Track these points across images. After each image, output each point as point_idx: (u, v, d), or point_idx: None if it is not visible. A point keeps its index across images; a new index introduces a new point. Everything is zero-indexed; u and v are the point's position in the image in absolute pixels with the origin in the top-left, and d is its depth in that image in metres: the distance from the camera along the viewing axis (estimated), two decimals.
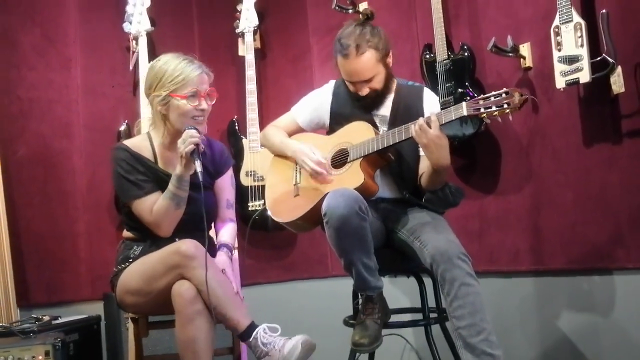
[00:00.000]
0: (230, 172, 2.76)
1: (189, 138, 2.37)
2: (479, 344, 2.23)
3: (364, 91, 2.61)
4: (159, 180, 2.52)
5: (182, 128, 2.46)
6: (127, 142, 2.58)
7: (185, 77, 2.45)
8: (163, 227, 2.49)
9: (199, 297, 2.29)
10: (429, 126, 2.32)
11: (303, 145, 2.68)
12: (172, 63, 2.50)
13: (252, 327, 2.31)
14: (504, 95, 2.25)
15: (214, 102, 2.56)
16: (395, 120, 2.64)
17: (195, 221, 2.42)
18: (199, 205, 2.41)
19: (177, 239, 2.44)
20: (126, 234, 2.65)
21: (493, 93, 2.27)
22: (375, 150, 2.49)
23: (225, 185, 2.71)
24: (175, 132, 2.52)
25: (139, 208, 2.49)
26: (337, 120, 2.72)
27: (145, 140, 2.60)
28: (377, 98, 2.66)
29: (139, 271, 2.44)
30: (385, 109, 2.70)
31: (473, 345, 2.23)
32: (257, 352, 2.28)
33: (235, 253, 3.07)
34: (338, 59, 2.60)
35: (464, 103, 2.31)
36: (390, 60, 2.65)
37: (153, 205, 2.47)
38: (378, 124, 2.68)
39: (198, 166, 2.37)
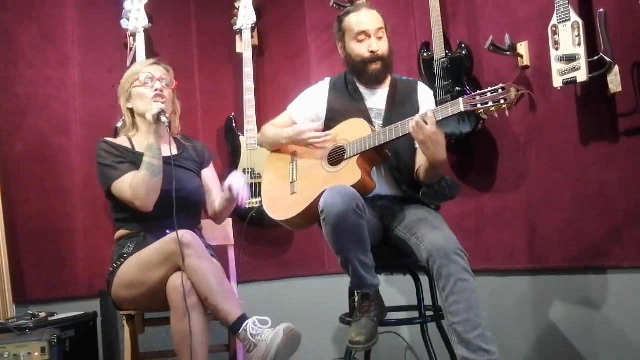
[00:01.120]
0: (212, 166, 2.93)
1: (155, 107, 2.59)
2: (474, 339, 2.23)
3: (374, 46, 2.68)
4: (137, 162, 2.59)
5: (146, 110, 2.64)
6: (108, 139, 2.76)
7: (139, 69, 2.75)
8: (143, 199, 2.53)
9: (193, 290, 2.29)
10: (425, 122, 2.33)
11: (294, 126, 2.75)
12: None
13: (243, 319, 2.30)
14: (500, 90, 2.26)
15: (168, 85, 2.74)
16: (391, 113, 2.66)
17: (180, 201, 2.46)
18: (182, 183, 2.58)
19: (167, 230, 2.46)
20: (118, 234, 2.66)
21: (489, 89, 2.29)
22: (372, 147, 2.50)
23: (214, 175, 2.88)
24: (144, 117, 2.69)
25: (119, 188, 2.57)
26: (334, 114, 2.73)
27: (123, 137, 2.78)
28: (380, 73, 2.71)
29: (135, 263, 2.46)
30: (381, 103, 2.72)
31: (468, 340, 2.23)
32: (247, 345, 2.28)
33: (231, 251, 3.09)
34: (348, 18, 2.74)
35: (460, 99, 2.32)
36: (390, 35, 2.77)
37: (129, 182, 2.55)
38: (373, 118, 2.69)
39: (164, 119, 2.55)
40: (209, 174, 2.85)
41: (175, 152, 2.69)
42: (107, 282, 2.60)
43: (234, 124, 3.90)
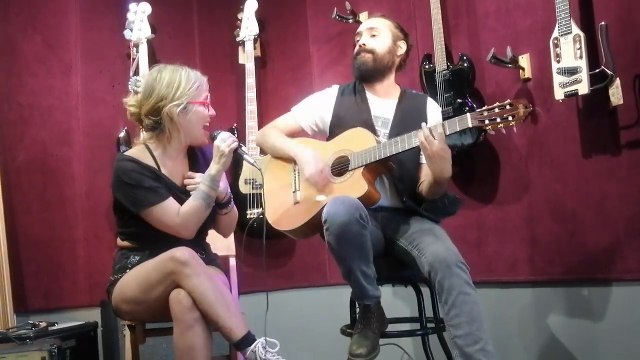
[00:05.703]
0: None
1: (229, 138, 2.47)
2: (475, 353, 2.22)
3: (361, 40, 2.76)
4: (167, 187, 2.50)
5: (197, 135, 2.52)
6: (130, 153, 2.52)
7: (200, 85, 2.51)
8: (190, 228, 2.48)
9: (195, 305, 2.28)
10: (434, 137, 2.33)
11: (307, 149, 2.67)
12: (182, 73, 2.51)
13: (250, 337, 2.28)
14: (508, 107, 2.25)
15: None
16: (399, 123, 2.67)
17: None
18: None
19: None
20: (121, 242, 2.64)
21: (497, 104, 2.27)
22: (378, 159, 2.49)
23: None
24: (186, 139, 2.53)
25: (160, 213, 2.44)
26: (339, 121, 2.72)
27: (144, 151, 2.54)
28: (367, 65, 2.72)
29: (135, 280, 2.42)
30: (388, 112, 2.72)
31: (469, 354, 2.23)
32: None
33: (233, 262, 3.08)
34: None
35: (468, 114, 2.31)
36: (401, 46, 2.79)
37: (175, 209, 2.45)
38: (379, 127, 2.69)
39: (248, 157, 2.48)
40: None
41: (248, 159, 2.54)
42: (107, 291, 2.58)
43: (236, 135, 3.91)
